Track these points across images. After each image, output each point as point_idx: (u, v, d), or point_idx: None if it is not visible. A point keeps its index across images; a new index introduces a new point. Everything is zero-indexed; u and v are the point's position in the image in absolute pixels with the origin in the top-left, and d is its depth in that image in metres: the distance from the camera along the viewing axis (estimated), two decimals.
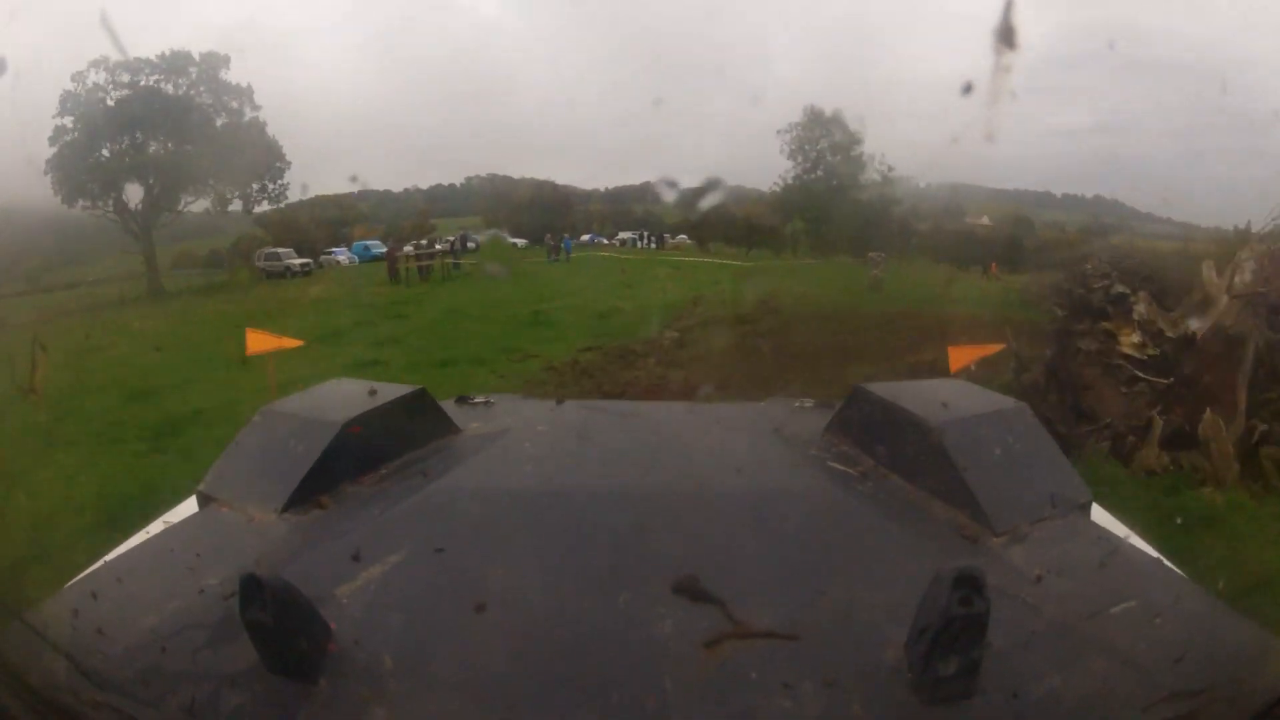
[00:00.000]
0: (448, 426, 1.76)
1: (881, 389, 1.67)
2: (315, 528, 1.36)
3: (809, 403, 2.25)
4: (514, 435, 1.74)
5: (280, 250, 24.25)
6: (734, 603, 1.07)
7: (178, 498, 1.60)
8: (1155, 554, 1.32)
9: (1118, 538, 1.34)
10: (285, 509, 1.40)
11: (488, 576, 1.17)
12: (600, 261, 25.51)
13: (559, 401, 2.25)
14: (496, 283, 23.24)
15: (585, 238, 26.77)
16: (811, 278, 23.66)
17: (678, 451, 1.73)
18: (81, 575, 1.28)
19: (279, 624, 0.94)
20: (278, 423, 1.59)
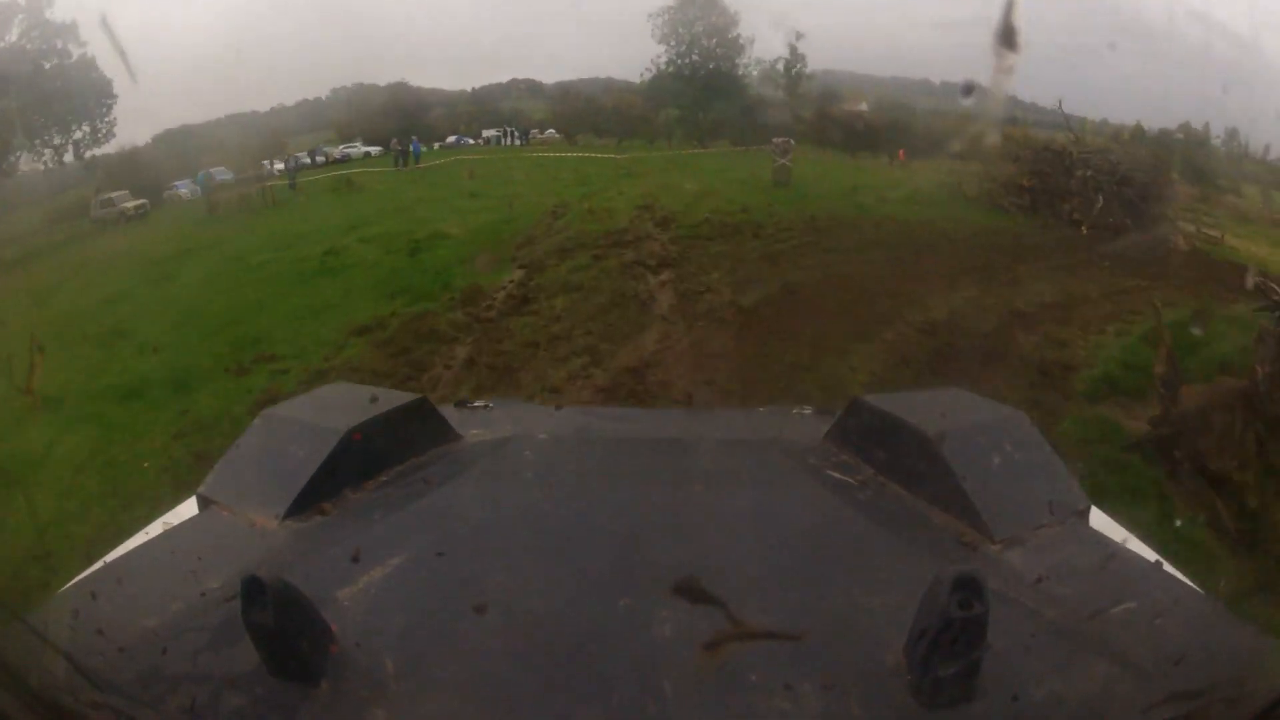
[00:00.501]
0: (448, 433, 1.76)
1: (880, 399, 1.68)
2: (317, 533, 1.37)
3: (808, 410, 2.26)
4: (515, 442, 1.74)
5: (114, 195, 20.59)
6: (734, 606, 1.07)
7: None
8: (1155, 557, 1.33)
9: (1116, 543, 1.35)
10: (287, 514, 1.40)
11: (488, 580, 1.17)
12: (453, 166, 21.77)
13: (558, 407, 2.26)
14: (317, 206, 18.73)
15: (451, 139, 24.44)
16: (699, 170, 20.02)
17: (677, 458, 1.73)
18: (81, 576, 1.28)
19: (281, 626, 0.94)
20: (279, 428, 1.60)
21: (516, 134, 25.84)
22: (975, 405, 1.71)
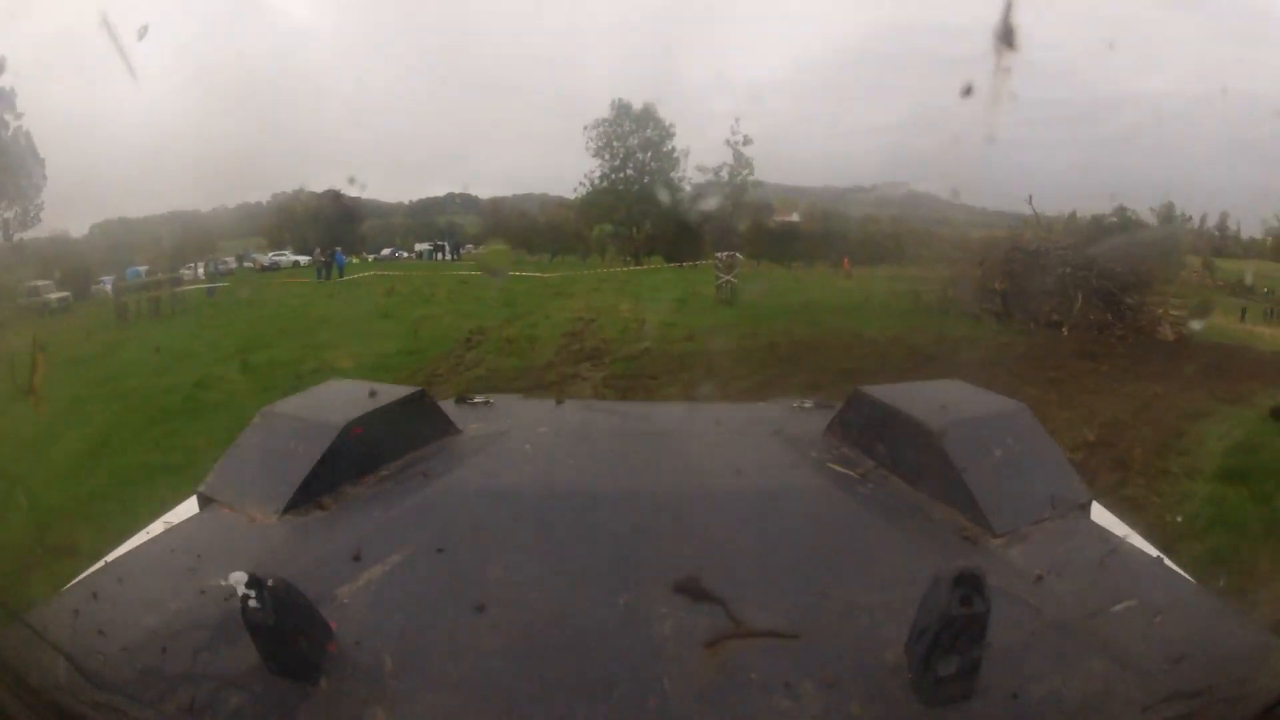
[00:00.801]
0: (447, 427, 1.76)
1: (881, 391, 1.67)
2: (316, 529, 1.37)
3: (809, 404, 2.25)
4: (514, 436, 1.74)
5: (40, 284, 20.54)
6: (734, 603, 1.07)
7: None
8: (1155, 553, 1.32)
9: (1118, 537, 1.34)
10: (286, 510, 1.40)
11: (488, 577, 1.17)
12: (376, 281, 20.81)
13: (559, 402, 2.25)
14: (220, 318, 17.59)
15: (386, 252, 24.81)
16: (635, 288, 19.04)
17: (678, 452, 1.73)
18: (82, 576, 1.28)
19: (280, 624, 0.94)
20: (278, 424, 1.59)
21: (449, 248, 25.65)
22: (977, 397, 1.70)
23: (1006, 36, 1.28)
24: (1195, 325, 15.58)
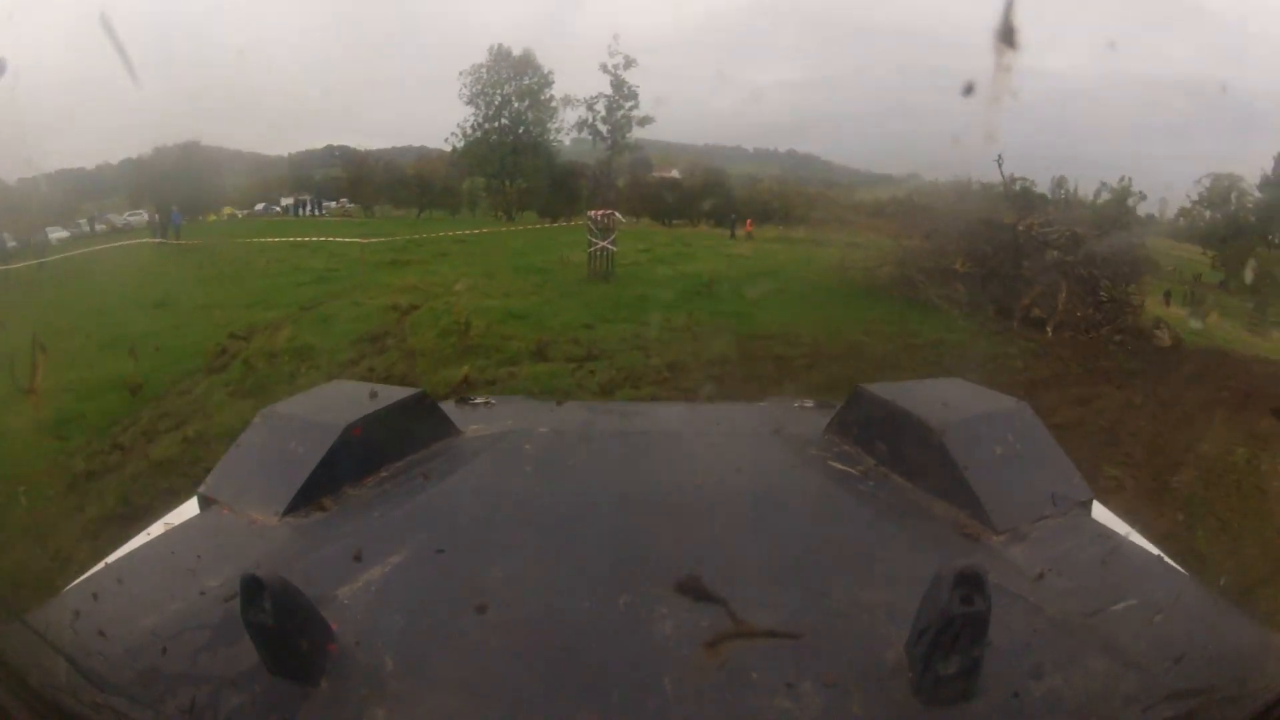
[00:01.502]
0: (448, 428, 1.76)
1: (882, 389, 1.67)
2: (316, 530, 1.37)
3: (809, 403, 2.25)
4: (514, 437, 1.74)
5: None
6: (735, 602, 1.07)
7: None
8: (1156, 551, 1.32)
9: (1119, 535, 1.34)
10: (287, 511, 1.40)
11: (488, 577, 1.17)
12: (212, 248, 17.42)
13: (559, 402, 2.25)
14: (38, 298, 13.33)
15: (259, 207, 22.49)
16: (497, 253, 15.71)
17: (679, 451, 1.73)
18: (82, 576, 1.28)
19: (280, 625, 0.94)
20: (279, 425, 1.59)
21: (309, 204, 23.18)
22: (978, 396, 1.70)
23: (1007, 36, 1.28)
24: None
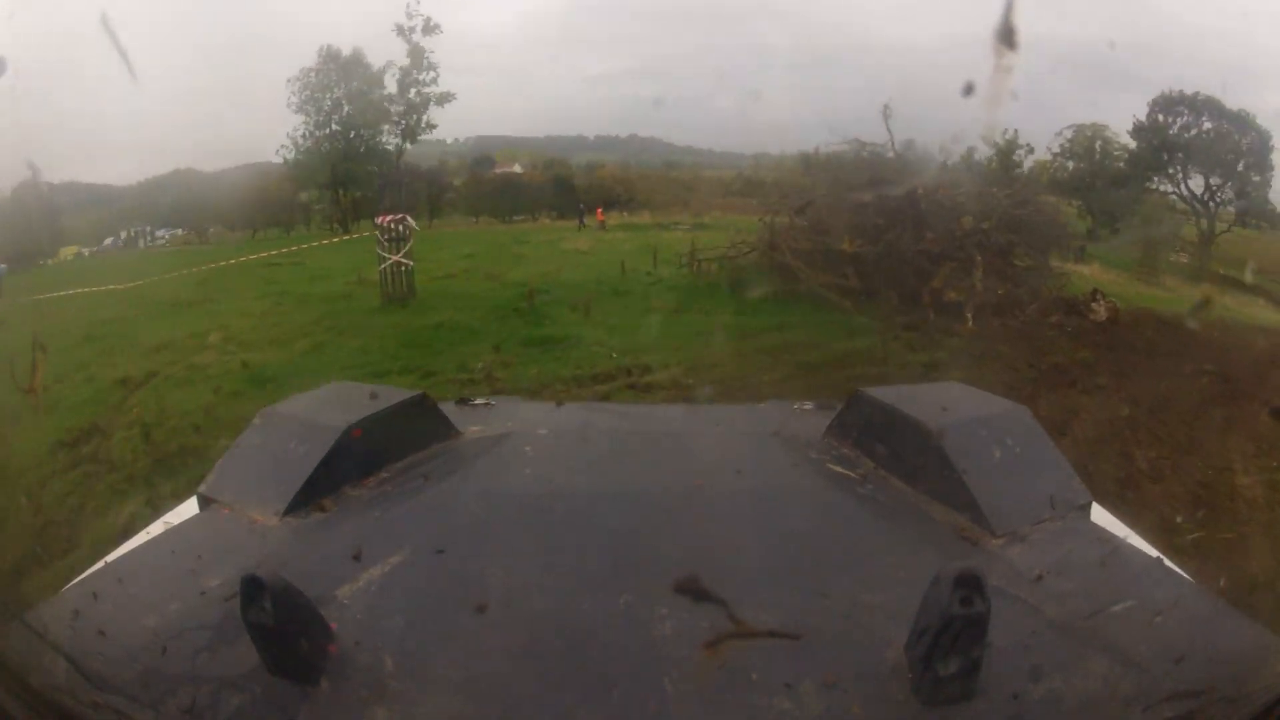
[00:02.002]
0: (448, 429, 1.76)
1: (882, 392, 1.68)
2: (317, 530, 1.37)
3: (809, 405, 2.25)
4: (514, 438, 1.74)
5: None
6: (734, 603, 1.07)
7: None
8: (1155, 553, 1.32)
9: (1117, 538, 1.34)
10: (287, 512, 1.40)
11: (488, 578, 1.17)
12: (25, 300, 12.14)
13: (559, 404, 2.25)
14: None
15: (108, 242, 20.66)
16: (297, 278, 13.21)
17: (678, 453, 1.73)
18: (82, 576, 1.28)
19: (280, 625, 0.94)
20: (279, 425, 1.59)
21: (144, 235, 20.97)
22: (977, 399, 1.71)
23: (1006, 36, 1.28)
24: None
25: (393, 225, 11.68)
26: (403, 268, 11.55)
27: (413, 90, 19.80)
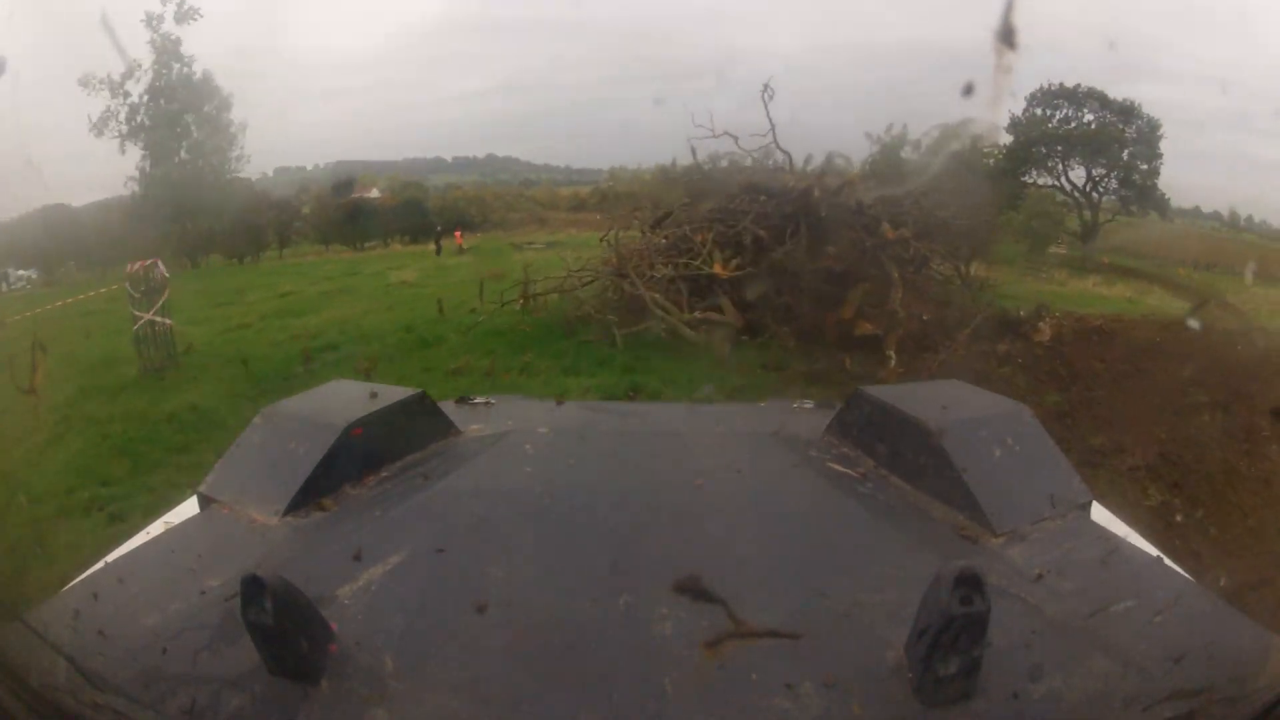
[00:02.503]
0: (448, 428, 1.76)
1: (881, 391, 1.68)
2: (317, 529, 1.37)
3: (809, 404, 2.25)
4: (514, 436, 1.74)
5: None
6: (734, 603, 1.07)
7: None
8: (1156, 553, 1.33)
9: (1118, 537, 1.34)
10: (287, 511, 1.40)
11: (489, 577, 1.17)
12: None
13: (559, 402, 2.25)
14: None
15: None
16: (73, 336, 10.50)
17: (678, 452, 1.73)
18: (82, 576, 1.28)
19: (280, 625, 0.94)
20: (279, 424, 1.59)
21: (5, 276, 18.92)
22: (977, 398, 1.71)
23: (1007, 36, 1.28)
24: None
25: (139, 269, 9.42)
26: (157, 327, 9.22)
27: (163, 96, 18.13)
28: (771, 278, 8.26)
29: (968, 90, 1.58)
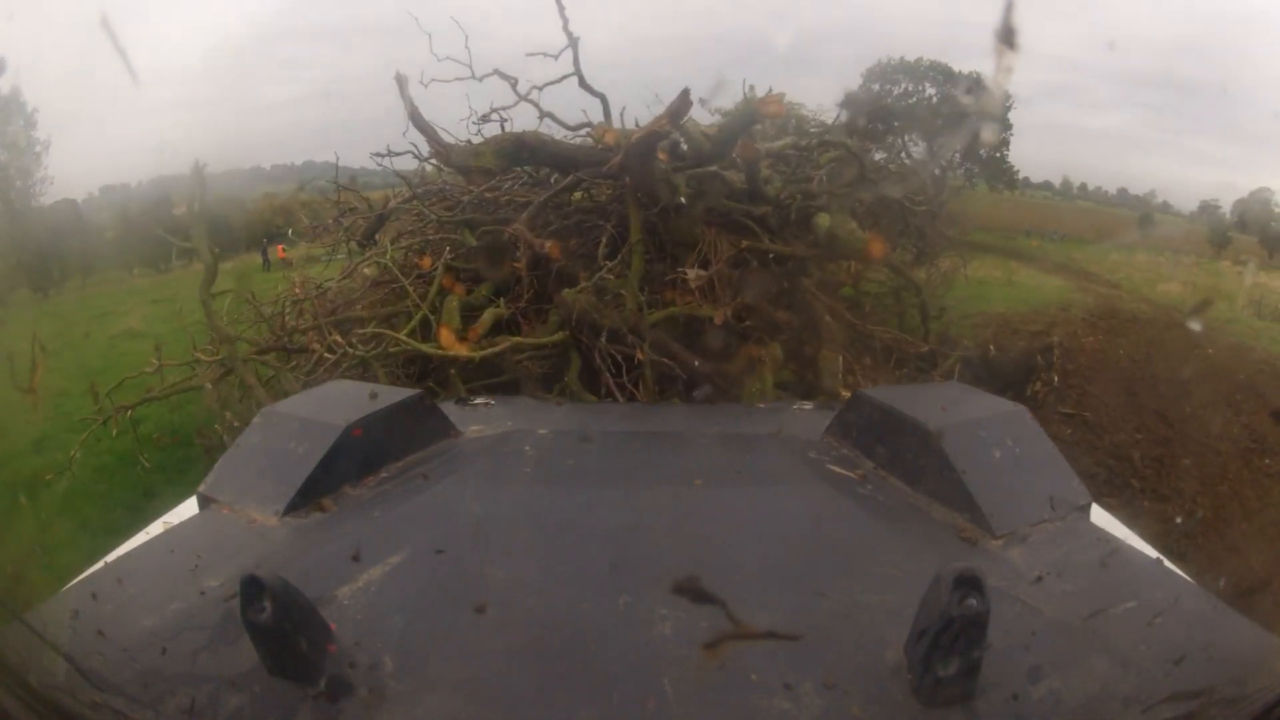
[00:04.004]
0: (448, 429, 1.76)
1: (881, 392, 1.68)
2: (316, 530, 1.37)
3: (809, 405, 2.26)
4: (514, 438, 1.74)
5: None
6: (734, 604, 1.07)
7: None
8: (1155, 554, 1.33)
9: (1117, 539, 1.34)
10: (286, 511, 1.40)
11: (488, 578, 1.17)
12: None
13: (559, 403, 2.25)
14: None
15: None
16: None
17: (678, 453, 1.73)
18: (82, 576, 1.28)
19: (280, 625, 0.94)
20: (279, 425, 1.60)
21: None
22: (977, 400, 1.71)
23: (1007, 37, 1.28)
24: None
25: None
26: None
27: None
28: (572, 346, 4.17)
29: (968, 90, 1.58)
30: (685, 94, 3.77)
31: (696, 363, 3.87)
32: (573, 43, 4.60)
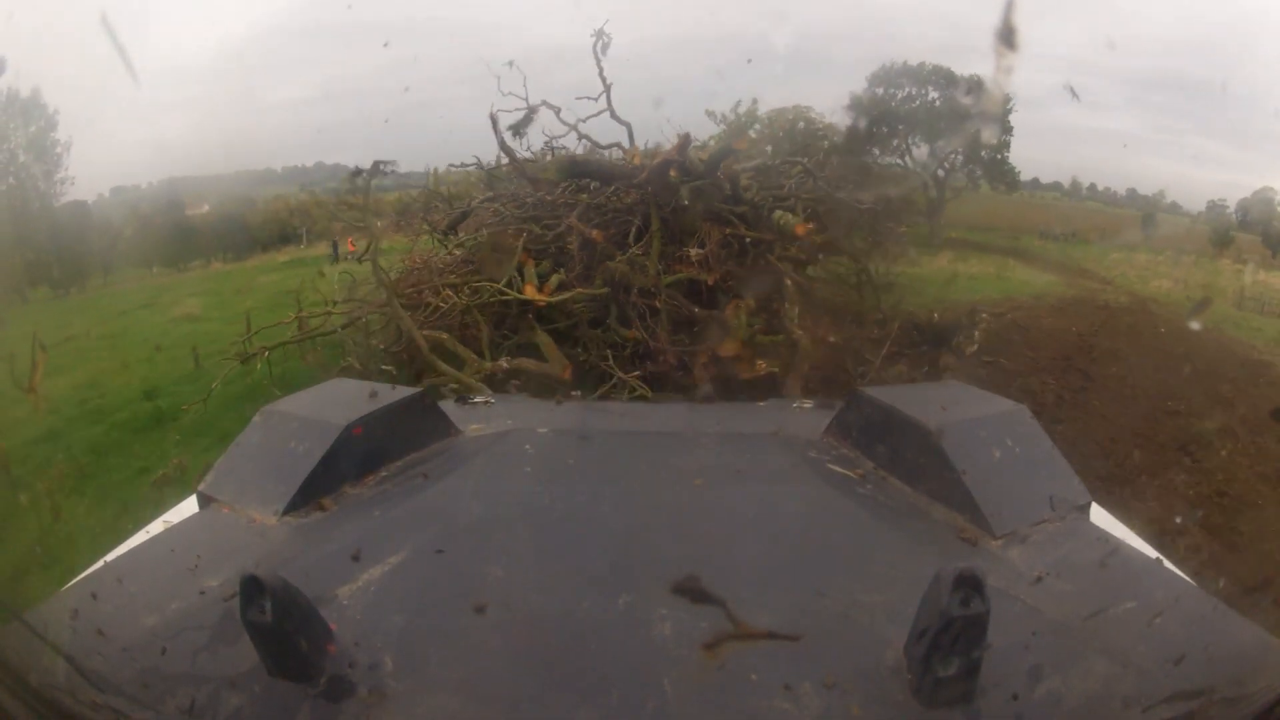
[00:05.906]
0: (448, 428, 1.76)
1: (881, 392, 1.68)
2: (316, 529, 1.37)
3: (809, 404, 2.25)
4: (514, 436, 1.74)
5: None
6: (734, 604, 1.07)
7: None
8: (1155, 554, 1.32)
9: (1117, 539, 1.34)
10: (286, 510, 1.40)
11: (488, 577, 1.17)
12: None
13: (559, 402, 2.25)
14: None
15: None
16: None
17: (678, 452, 1.73)
18: (82, 576, 1.28)
19: (280, 625, 0.94)
20: (279, 424, 1.59)
21: None
22: (977, 398, 1.71)
23: (1007, 37, 1.28)
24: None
25: None
26: None
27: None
28: (611, 299, 5.82)
29: (968, 90, 1.58)
30: (687, 136, 6.12)
31: (696, 309, 5.97)
32: (607, 88, 6.88)
